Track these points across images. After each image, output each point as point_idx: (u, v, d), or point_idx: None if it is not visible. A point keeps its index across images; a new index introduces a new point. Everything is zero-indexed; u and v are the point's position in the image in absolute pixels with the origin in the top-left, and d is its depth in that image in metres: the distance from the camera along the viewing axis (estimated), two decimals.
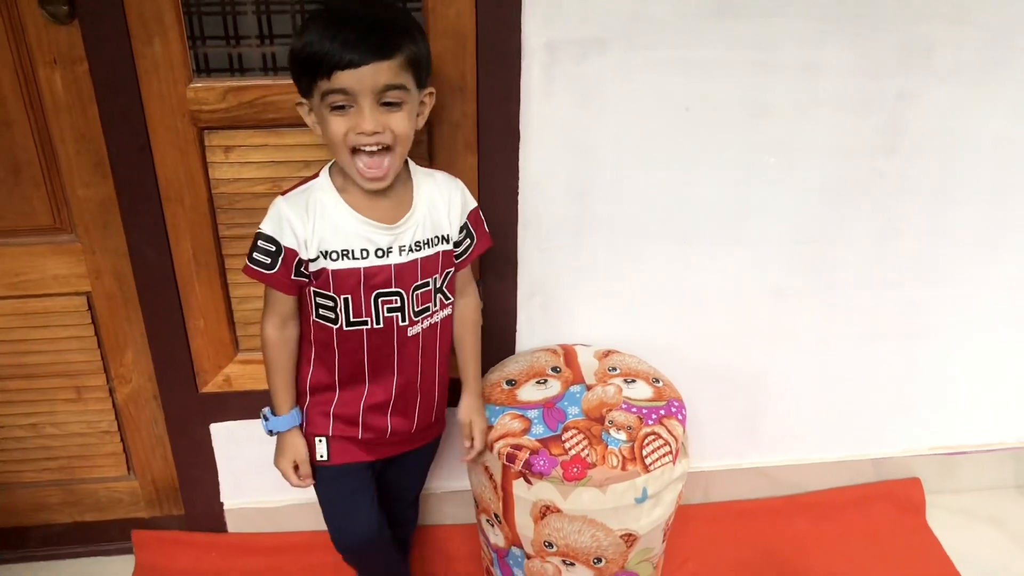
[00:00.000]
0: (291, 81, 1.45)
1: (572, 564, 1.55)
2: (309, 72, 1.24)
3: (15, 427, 1.77)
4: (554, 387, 1.60)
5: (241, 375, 1.73)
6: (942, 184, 1.73)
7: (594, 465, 1.47)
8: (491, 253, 1.66)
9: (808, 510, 2.02)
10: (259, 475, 1.86)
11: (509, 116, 1.55)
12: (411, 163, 1.40)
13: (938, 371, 1.96)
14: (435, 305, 1.44)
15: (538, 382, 1.62)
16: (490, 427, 1.55)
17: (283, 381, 1.44)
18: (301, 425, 1.47)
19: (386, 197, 1.35)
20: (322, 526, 1.91)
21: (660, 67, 1.48)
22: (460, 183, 1.44)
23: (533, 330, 1.78)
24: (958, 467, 2.08)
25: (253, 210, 1.58)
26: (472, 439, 1.54)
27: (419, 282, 1.40)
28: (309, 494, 1.86)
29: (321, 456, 1.48)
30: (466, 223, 1.44)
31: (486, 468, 1.55)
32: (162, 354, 1.70)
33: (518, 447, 1.49)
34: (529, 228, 1.67)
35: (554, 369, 1.65)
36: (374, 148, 1.27)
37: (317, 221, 1.33)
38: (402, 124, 1.27)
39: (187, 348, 1.70)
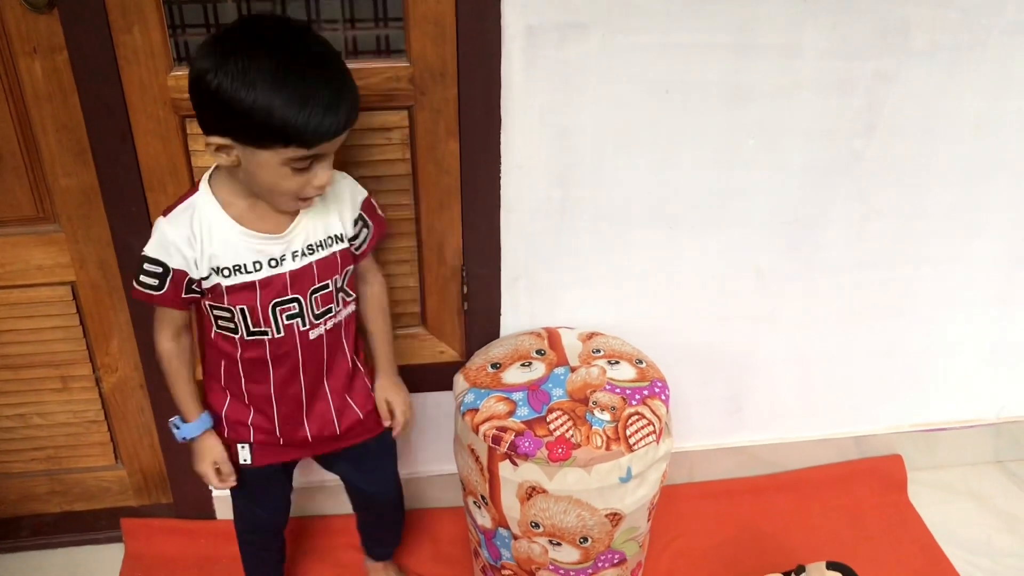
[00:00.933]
0: None
1: (559, 544, 1.56)
2: (263, 136, 1.18)
3: (2, 418, 1.77)
4: (538, 369, 1.61)
5: None
6: (920, 164, 1.75)
7: (579, 446, 1.48)
8: (475, 238, 1.67)
9: (792, 488, 2.05)
10: None
11: (490, 101, 1.55)
12: None
13: (918, 349, 1.99)
14: (337, 305, 1.43)
15: (523, 365, 1.63)
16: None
17: (186, 388, 1.44)
18: (214, 427, 1.48)
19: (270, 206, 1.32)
20: (310, 511, 1.93)
21: (640, 51, 1.48)
22: (346, 177, 1.42)
23: (517, 313, 1.79)
24: (939, 443, 2.11)
25: None
26: (391, 416, 1.57)
27: (317, 285, 1.38)
28: (295, 478, 1.87)
29: (245, 460, 1.49)
30: (360, 214, 1.42)
31: (472, 450, 1.56)
32: (148, 343, 1.69)
33: (503, 429, 1.50)
34: (512, 212, 1.67)
35: (538, 352, 1.66)
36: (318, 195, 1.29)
37: (204, 240, 1.30)
38: (332, 169, 1.29)
39: None
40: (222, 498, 1.90)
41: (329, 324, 1.43)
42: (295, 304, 1.37)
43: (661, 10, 1.51)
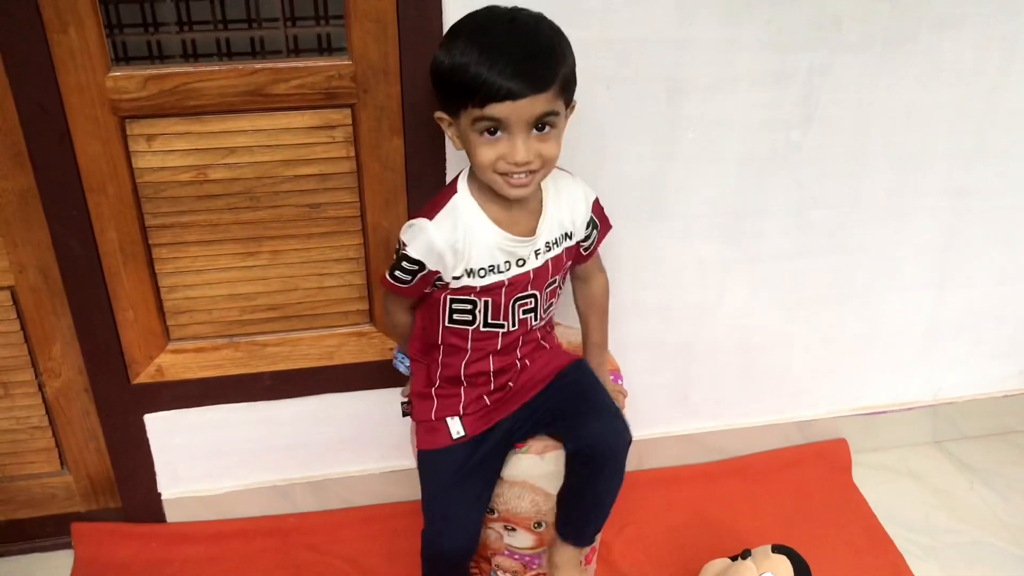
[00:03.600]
0: (213, 67, 1.46)
1: (513, 529, 1.58)
2: (459, 96, 1.23)
3: None
4: None
5: (173, 365, 1.73)
6: (856, 154, 1.79)
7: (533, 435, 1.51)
8: None
9: (739, 474, 2.08)
10: (196, 464, 1.86)
11: (433, 97, 1.56)
12: None
13: (857, 334, 2.04)
14: (555, 298, 1.50)
15: None
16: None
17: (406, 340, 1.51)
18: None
19: (523, 208, 1.36)
20: (262, 512, 1.93)
21: (581, 46, 1.48)
22: (580, 181, 1.45)
23: None
24: (879, 426, 2.16)
25: (179, 198, 1.57)
26: None
27: (549, 280, 1.43)
28: (246, 479, 1.87)
29: (458, 434, 1.48)
30: (591, 217, 1.46)
31: None
32: (91, 347, 1.69)
33: None
34: None
35: None
36: (524, 174, 1.27)
37: (466, 244, 1.33)
38: (553, 149, 1.28)
39: (117, 340, 1.68)
40: (172, 501, 1.88)
41: (548, 316, 1.49)
42: (532, 299, 1.42)
43: (600, 6, 1.54)
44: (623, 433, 1.46)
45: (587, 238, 1.47)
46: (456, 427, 1.48)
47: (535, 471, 1.51)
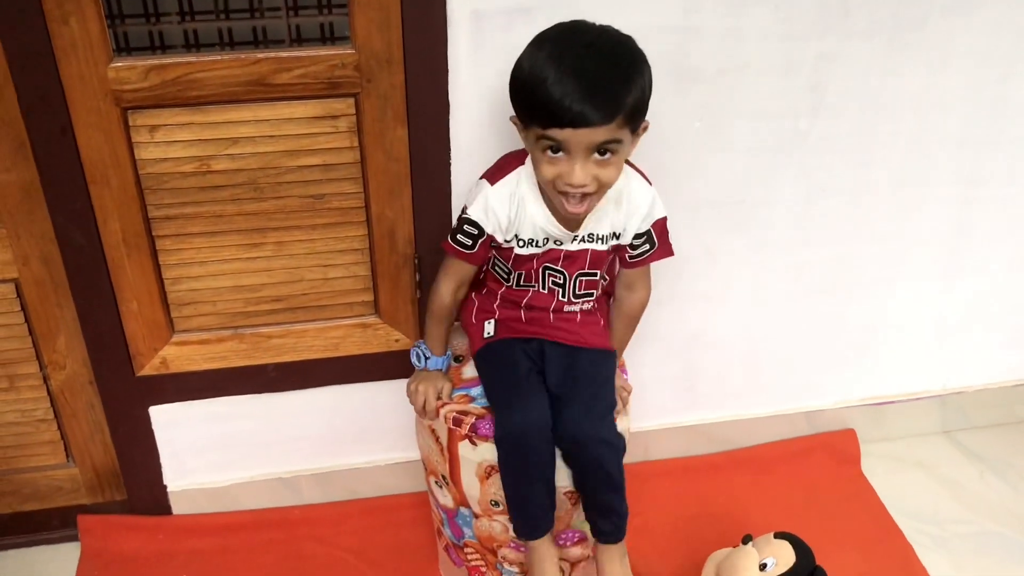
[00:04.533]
0: (215, 57, 1.45)
1: None
2: (527, 110, 1.28)
3: None
4: None
5: (178, 356, 1.72)
6: (863, 142, 1.78)
7: None
8: (426, 225, 1.67)
9: (746, 464, 2.08)
10: (201, 456, 1.86)
11: (438, 87, 1.55)
12: None
13: (866, 324, 2.02)
14: (597, 291, 1.55)
15: None
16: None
17: (442, 330, 1.57)
18: (447, 368, 1.59)
19: None
20: (268, 504, 1.93)
21: None
22: (652, 192, 1.46)
23: None
24: (887, 416, 2.15)
25: (182, 190, 1.56)
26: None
27: (586, 270, 1.49)
28: (252, 471, 1.87)
29: (488, 334, 1.56)
30: (648, 231, 1.48)
31: (433, 431, 1.56)
32: (96, 339, 1.68)
33: (464, 412, 1.52)
34: (462, 198, 1.66)
35: None
36: (579, 195, 1.31)
37: (519, 214, 1.42)
38: (611, 175, 1.31)
39: (121, 332, 1.68)
40: (178, 493, 1.88)
41: (587, 306, 1.55)
42: (560, 275, 1.50)
43: None
44: (601, 436, 1.46)
45: (635, 248, 1.50)
46: (489, 328, 1.57)
47: None
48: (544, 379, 1.52)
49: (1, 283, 1.63)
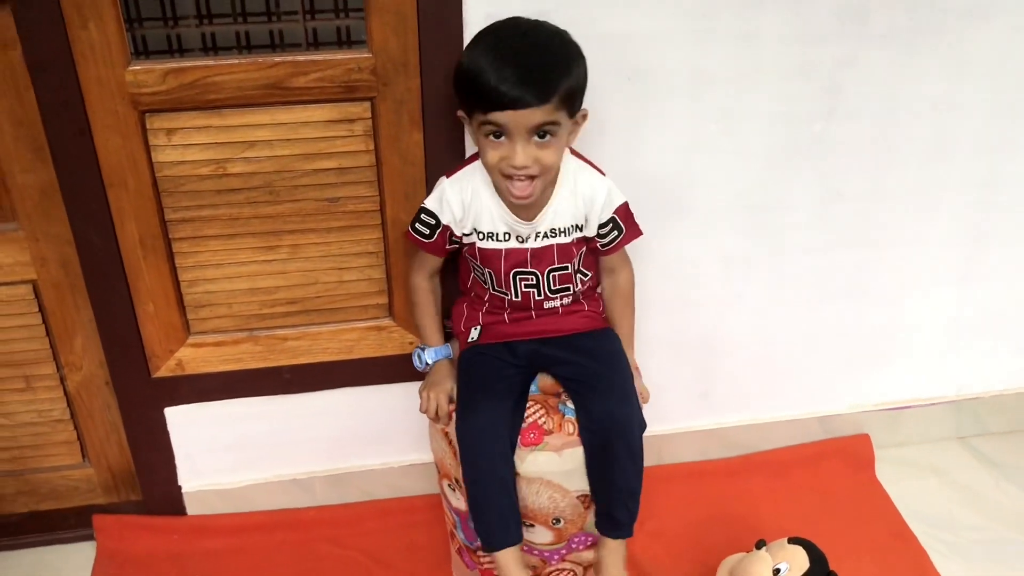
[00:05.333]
0: (233, 61, 1.46)
1: (531, 525, 1.57)
2: (469, 99, 1.35)
3: None
4: None
5: (194, 358, 1.73)
6: (880, 147, 1.77)
7: (551, 432, 1.50)
8: None
9: (760, 469, 2.07)
10: (216, 457, 1.86)
11: (453, 91, 1.54)
12: (565, 156, 1.47)
13: (880, 329, 2.01)
14: (576, 285, 1.57)
15: None
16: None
17: (432, 320, 1.62)
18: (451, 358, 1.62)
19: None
20: (282, 505, 1.93)
21: (602, 39, 1.48)
22: (607, 183, 1.50)
23: None
24: (902, 421, 2.14)
25: (199, 192, 1.57)
26: None
27: (556, 265, 1.52)
28: (266, 472, 1.87)
29: (472, 339, 1.59)
30: (613, 218, 1.51)
31: (446, 434, 1.57)
32: (112, 340, 1.69)
33: None
34: None
35: None
36: (523, 177, 1.36)
37: (472, 204, 1.47)
38: (552, 157, 1.37)
39: (137, 333, 1.69)
40: (192, 494, 1.89)
41: (566, 300, 1.57)
42: (532, 277, 1.52)
43: None
44: (630, 414, 1.49)
45: (603, 236, 1.53)
46: (474, 334, 1.60)
47: (552, 468, 1.51)
48: (526, 383, 1.57)
49: (19, 284, 1.64)
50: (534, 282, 1.53)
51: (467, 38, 1.50)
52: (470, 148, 1.61)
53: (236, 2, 1.48)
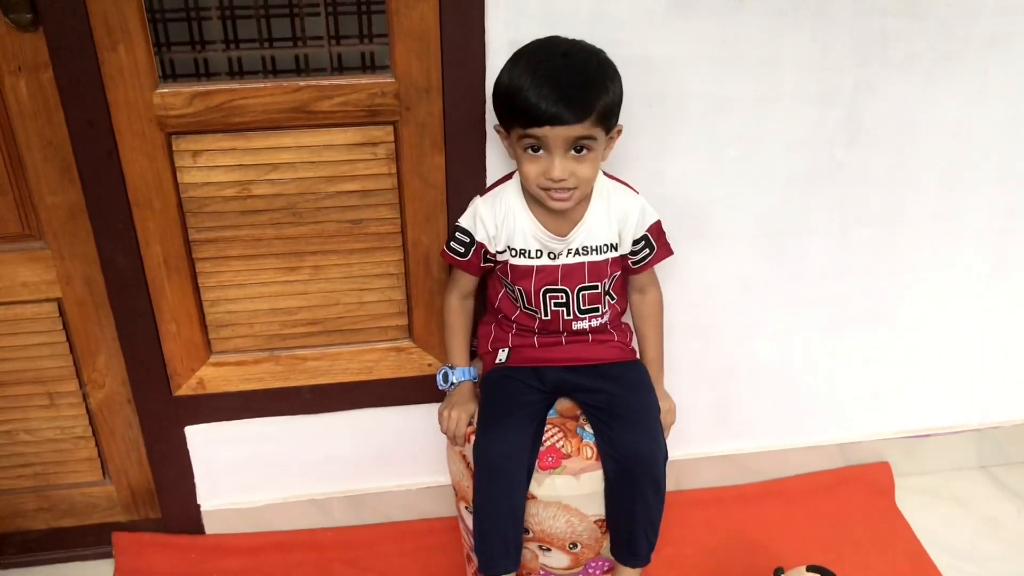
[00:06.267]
0: (258, 84, 1.48)
1: (548, 549, 1.57)
2: (509, 115, 1.39)
3: None
4: None
5: (215, 377, 1.74)
6: (901, 173, 1.77)
7: (569, 456, 1.50)
8: None
9: (779, 496, 2.06)
10: (235, 476, 1.87)
11: (475, 115, 1.57)
12: (598, 176, 1.50)
13: (902, 356, 2.00)
14: (604, 307, 1.58)
15: None
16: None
17: (461, 340, 1.64)
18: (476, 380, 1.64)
19: (563, 213, 1.49)
20: (299, 525, 1.94)
21: (622, 64, 1.49)
22: (640, 201, 1.54)
23: None
24: (923, 449, 2.12)
25: (223, 213, 1.59)
26: None
27: (586, 284, 1.54)
28: (285, 492, 1.88)
29: (500, 361, 1.61)
30: (645, 235, 1.55)
31: (464, 457, 1.57)
32: (135, 358, 1.71)
33: None
34: None
35: None
36: (562, 191, 1.41)
37: (506, 221, 1.51)
38: (588, 171, 1.41)
39: (159, 352, 1.70)
40: (211, 512, 1.90)
41: (595, 322, 1.59)
42: (562, 294, 1.54)
43: (641, 24, 1.53)
44: (656, 449, 1.50)
45: (635, 254, 1.56)
46: (502, 356, 1.62)
47: (570, 492, 1.50)
48: (548, 409, 1.58)
49: (44, 302, 1.66)
50: (564, 300, 1.55)
51: (489, 64, 1.52)
52: (492, 172, 1.62)
53: (263, 27, 1.50)
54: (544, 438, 1.52)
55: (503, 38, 1.50)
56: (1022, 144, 1.78)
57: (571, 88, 1.34)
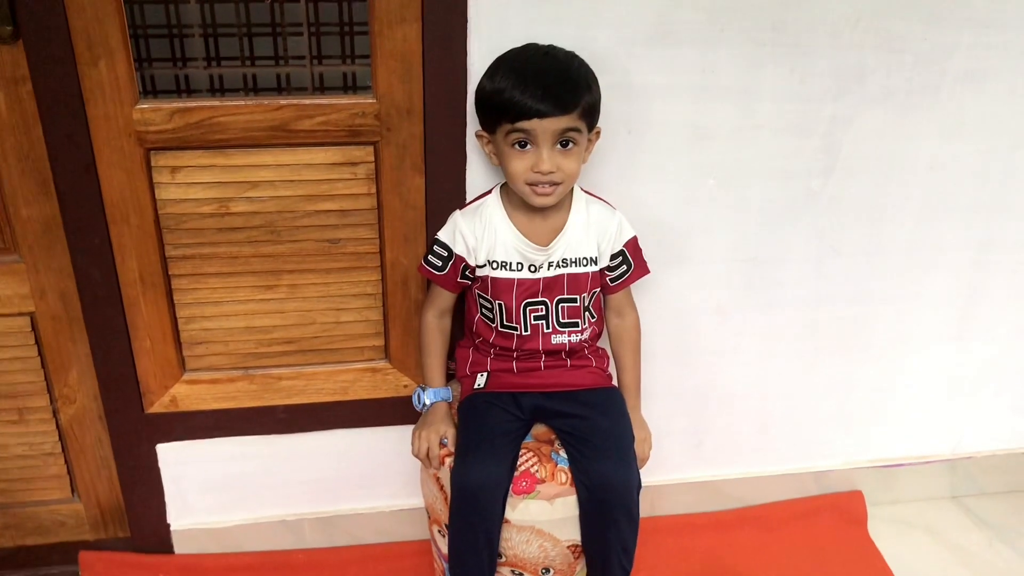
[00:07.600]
0: (239, 102, 1.48)
1: (521, 574, 1.56)
2: (496, 113, 1.42)
3: None
4: None
5: (188, 395, 1.73)
6: (876, 204, 1.79)
7: (543, 481, 1.49)
8: None
9: (753, 523, 2.06)
10: (206, 496, 1.85)
11: (455, 137, 1.57)
12: (576, 190, 1.55)
13: (876, 386, 2.02)
14: (584, 323, 1.59)
15: None
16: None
17: (437, 360, 1.64)
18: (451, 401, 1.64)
19: (544, 220, 1.52)
20: (270, 546, 1.92)
21: (603, 92, 1.51)
22: (618, 216, 1.57)
23: None
24: (896, 479, 2.13)
25: (200, 230, 1.58)
26: None
27: (566, 296, 1.55)
28: (256, 513, 1.86)
29: (479, 386, 1.61)
30: (622, 250, 1.58)
31: (437, 479, 1.56)
32: (107, 374, 1.69)
33: None
34: None
35: None
36: (547, 184, 1.44)
37: (486, 234, 1.52)
38: (573, 165, 1.45)
39: (133, 368, 1.69)
40: (181, 532, 1.87)
41: (574, 337, 1.59)
42: (542, 307, 1.55)
43: (623, 53, 1.55)
44: (629, 477, 1.50)
45: (613, 270, 1.57)
46: (480, 381, 1.62)
47: (543, 517, 1.50)
48: (525, 435, 1.58)
49: (17, 316, 1.64)
50: (543, 312, 1.56)
51: (471, 87, 1.53)
52: (472, 193, 1.63)
53: (244, 45, 1.50)
54: (519, 463, 1.52)
55: (485, 61, 1.51)
56: (996, 177, 1.81)
57: (557, 82, 1.40)
